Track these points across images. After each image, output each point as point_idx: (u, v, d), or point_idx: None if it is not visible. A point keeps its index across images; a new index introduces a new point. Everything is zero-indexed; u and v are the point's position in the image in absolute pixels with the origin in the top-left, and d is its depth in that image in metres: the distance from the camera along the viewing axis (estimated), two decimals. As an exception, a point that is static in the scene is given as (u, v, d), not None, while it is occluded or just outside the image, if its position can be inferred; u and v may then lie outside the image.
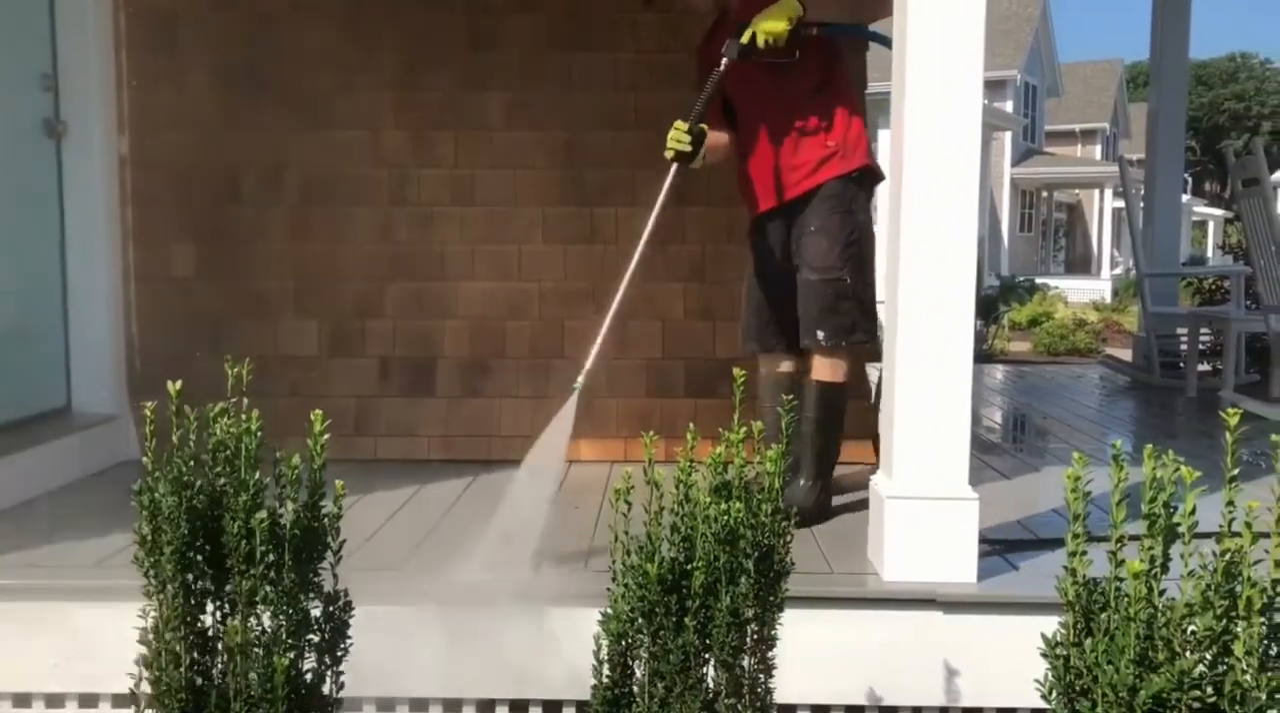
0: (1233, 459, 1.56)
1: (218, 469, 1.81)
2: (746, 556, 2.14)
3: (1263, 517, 1.57)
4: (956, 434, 2.83)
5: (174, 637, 1.71)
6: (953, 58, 2.77)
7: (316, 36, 4.28)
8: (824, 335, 3.40)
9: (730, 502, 2.13)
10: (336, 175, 4.34)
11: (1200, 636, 1.46)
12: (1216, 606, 1.48)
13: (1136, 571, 1.47)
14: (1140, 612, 1.46)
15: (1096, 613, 1.56)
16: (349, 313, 4.36)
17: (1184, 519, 1.48)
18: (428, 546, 3.22)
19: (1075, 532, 1.56)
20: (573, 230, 4.35)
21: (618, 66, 4.31)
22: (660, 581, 2.12)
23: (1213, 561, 1.51)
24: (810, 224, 3.41)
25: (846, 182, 3.41)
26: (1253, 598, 1.49)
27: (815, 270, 3.40)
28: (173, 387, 1.92)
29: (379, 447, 4.35)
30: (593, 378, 3.28)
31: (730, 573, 2.12)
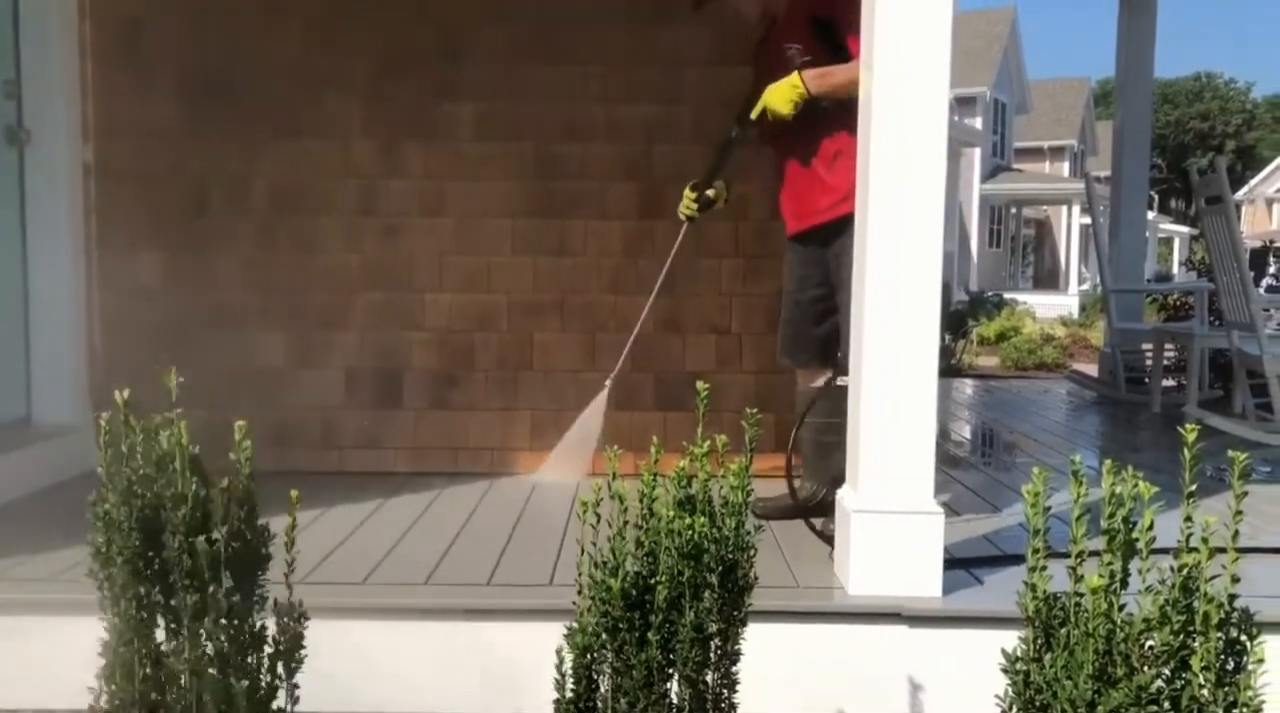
0: (1191, 475, 1.57)
1: (161, 482, 1.77)
2: (710, 570, 2.14)
3: (1220, 532, 1.59)
4: (921, 449, 2.84)
5: (128, 651, 1.69)
6: (918, 77, 2.79)
7: (285, 46, 4.26)
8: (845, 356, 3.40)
9: (694, 516, 2.12)
10: (304, 185, 4.31)
11: (1158, 651, 1.47)
12: (1174, 621, 1.48)
13: (1095, 586, 1.48)
14: (1099, 627, 1.47)
15: (1056, 628, 1.57)
16: (316, 324, 4.33)
17: (1142, 535, 1.49)
18: (389, 561, 3.19)
19: (1035, 547, 1.56)
20: (542, 242, 4.34)
21: (587, 80, 4.31)
22: (624, 596, 2.11)
23: (1171, 576, 1.52)
24: (847, 247, 3.37)
25: None
26: (1210, 613, 1.50)
27: (847, 298, 3.36)
28: (120, 396, 1.89)
29: (345, 459, 4.32)
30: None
31: (694, 588, 2.12)
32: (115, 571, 1.68)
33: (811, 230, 3.56)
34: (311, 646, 2.18)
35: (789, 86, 3.33)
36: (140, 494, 1.74)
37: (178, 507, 1.86)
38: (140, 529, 1.73)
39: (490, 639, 2.81)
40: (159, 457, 1.77)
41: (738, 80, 4.31)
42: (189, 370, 4.03)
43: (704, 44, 4.30)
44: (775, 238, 4.34)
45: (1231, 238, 5.34)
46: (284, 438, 4.27)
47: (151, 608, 1.71)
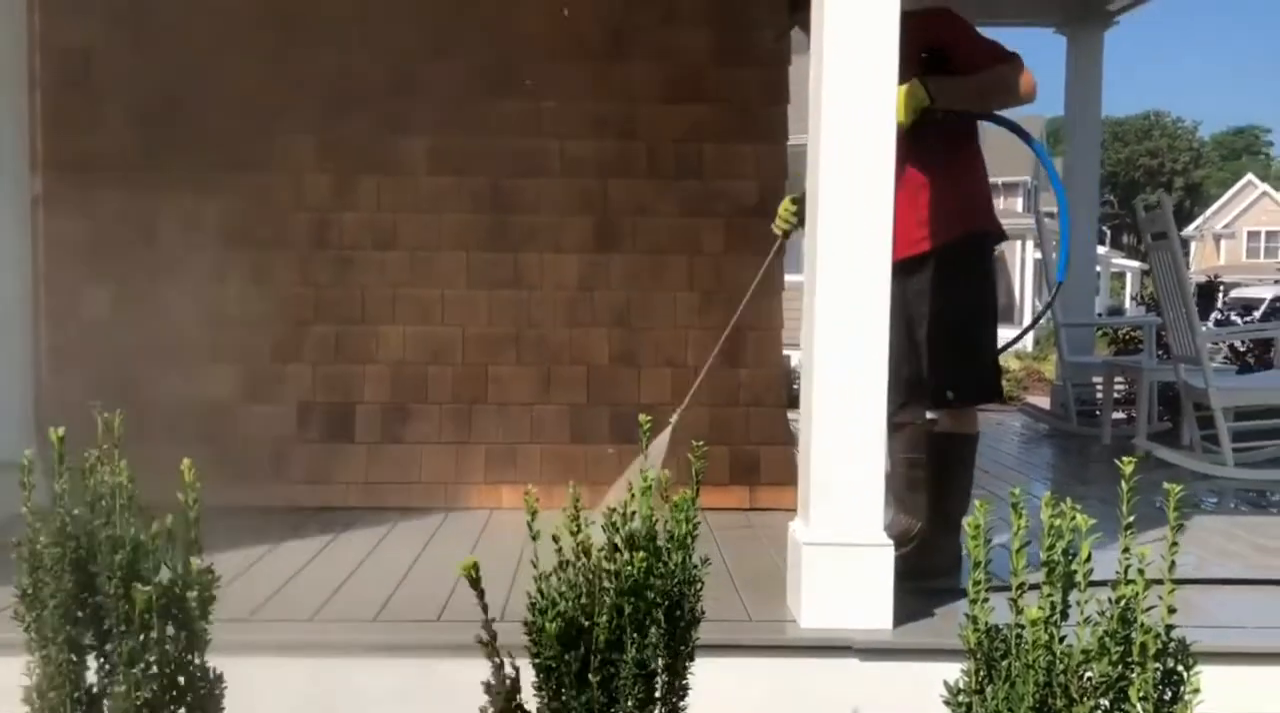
0: (1129, 507, 1.59)
1: (97, 522, 1.74)
2: (656, 605, 2.13)
3: (1162, 564, 1.61)
4: (871, 483, 2.85)
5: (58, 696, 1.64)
6: (865, 118, 2.83)
7: (237, 79, 4.24)
8: (954, 394, 3.38)
9: (634, 553, 2.11)
10: (256, 218, 4.29)
11: (1097, 682, 1.48)
12: (1113, 652, 1.50)
13: (1034, 618, 1.49)
14: (1039, 659, 1.48)
15: (998, 660, 1.58)
16: (267, 357, 4.29)
17: (1080, 566, 1.51)
18: (339, 597, 3.15)
19: (976, 579, 1.57)
20: (497, 276, 4.34)
21: (542, 114, 4.32)
22: (559, 637, 2.09)
23: (1110, 608, 1.53)
24: (935, 282, 3.36)
25: (967, 245, 3.39)
26: (1147, 644, 1.51)
27: (943, 328, 3.35)
28: (55, 433, 1.85)
29: (296, 494, 4.27)
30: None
31: (638, 624, 2.10)
32: (45, 613, 1.64)
33: (905, 261, 3.35)
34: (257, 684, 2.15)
35: (908, 94, 3.16)
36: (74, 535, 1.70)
37: (115, 549, 1.82)
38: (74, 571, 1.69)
39: (442, 675, 2.77)
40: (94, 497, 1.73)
41: (691, 117, 4.38)
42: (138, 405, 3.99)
43: (658, 81, 4.34)
44: (730, 272, 4.39)
45: (1177, 273, 5.44)
46: (234, 473, 4.20)
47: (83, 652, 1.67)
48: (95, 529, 1.71)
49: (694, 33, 4.36)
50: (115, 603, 1.76)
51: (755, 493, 4.39)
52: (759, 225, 4.39)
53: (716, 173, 4.36)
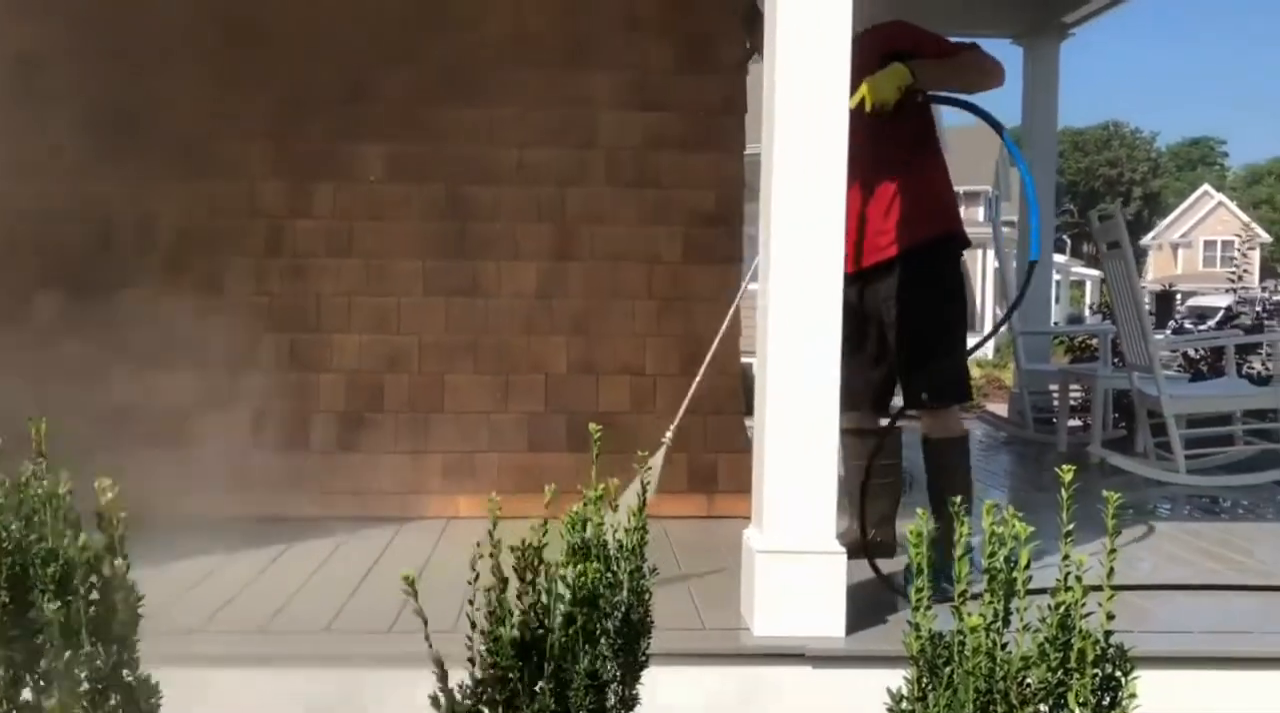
0: (1069, 514, 1.60)
1: (32, 536, 1.70)
2: (606, 616, 2.12)
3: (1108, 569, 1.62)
4: (823, 489, 2.87)
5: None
6: (817, 130, 2.85)
7: (190, 86, 4.20)
8: (928, 395, 3.42)
9: (588, 563, 2.11)
10: (209, 226, 4.25)
11: (1036, 688, 1.49)
12: (1052, 658, 1.51)
13: (974, 625, 1.50)
14: (979, 665, 1.49)
15: (940, 667, 1.58)
16: (220, 365, 4.23)
17: (1019, 574, 1.52)
18: (290, 608, 3.12)
19: (919, 586, 1.58)
20: (454, 284, 4.32)
21: (498, 122, 4.32)
22: (513, 644, 2.08)
23: (1049, 614, 1.55)
24: (903, 285, 3.40)
25: (934, 248, 3.43)
26: (1086, 650, 1.53)
27: (913, 331, 3.40)
28: (-15, 444, 1.81)
29: (251, 503, 4.20)
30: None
31: (589, 635, 2.10)
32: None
33: (870, 268, 3.45)
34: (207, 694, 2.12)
35: (890, 73, 3.22)
36: (9, 551, 1.67)
37: (47, 563, 1.79)
38: (10, 588, 1.66)
39: (394, 685, 2.75)
40: (28, 511, 1.69)
41: (649, 126, 4.38)
42: (89, 413, 3.94)
43: (616, 89, 4.34)
44: (688, 280, 4.40)
45: (1130, 282, 5.51)
46: (187, 482, 4.15)
47: (19, 668, 1.64)
48: (29, 544, 1.67)
49: (653, 42, 4.36)
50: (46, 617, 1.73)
51: (714, 500, 4.40)
52: (717, 233, 4.43)
53: (674, 181, 4.37)
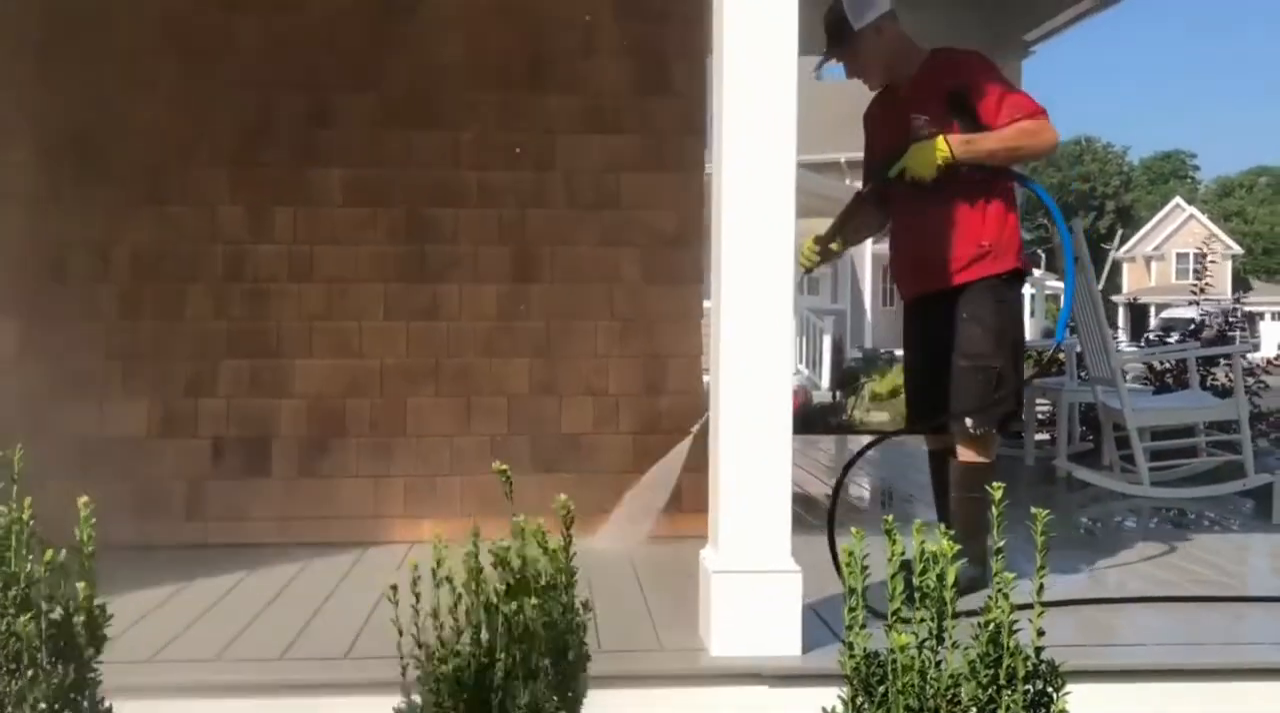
0: (999, 532, 1.61)
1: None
2: (542, 655, 2.12)
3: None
4: (777, 509, 2.87)
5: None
6: (764, 145, 2.87)
7: (148, 110, 4.20)
8: (973, 422, 3.43)
9: (525, 598, 2.10)
10: (169, 251, 4.23)
11: (966, 704, 1.50)
12: (982, 675, 1.51)
13: (903, 643, 1.50)
14: (909, 684, 1.49)
15: (875, 686, 1.59)
16: (180, 392, 4.22)
17: (946, 591, 1.53)
18: (245, 637, 3.09)
19: (852, 605, 1.58)
20: (415, 307, 4.32)
21: (459, 145, 4.32)
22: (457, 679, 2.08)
23: (979, 631, 1.55)
24: (963, 312, 3.45)
25: (999, 280, 3.48)
26: (1016, 666, 1.53)
27: (967, 357, 3.44)
28: (-55, 470, 1.81)
29: (210, 531, 4.19)
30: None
31: (528, 669, 2.09)
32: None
33: (938, 293, 3.51)
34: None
35: (933, 150, 3.31)
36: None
37: (8, 586, 1.79)
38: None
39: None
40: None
41: (608, 147, 4.40)
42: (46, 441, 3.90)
43: (575, 112, 4.36)
44: (649, 301, 4.41)
45: (1092, 296, 5.55)
46: (145, 510, 4.14)
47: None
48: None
49: (611, 64, 4.38)
50: (4, 639, 1.73)
51: (677, 520, 4.37)
52: (677, 254, 4.44)
53: (634, 202, 4.39)
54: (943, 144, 3.31)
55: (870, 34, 3.52)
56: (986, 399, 3.43)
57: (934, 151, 3.32)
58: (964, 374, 3.45)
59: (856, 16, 3.50)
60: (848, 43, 3.55)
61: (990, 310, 3.45)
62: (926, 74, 3.53)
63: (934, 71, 3.52)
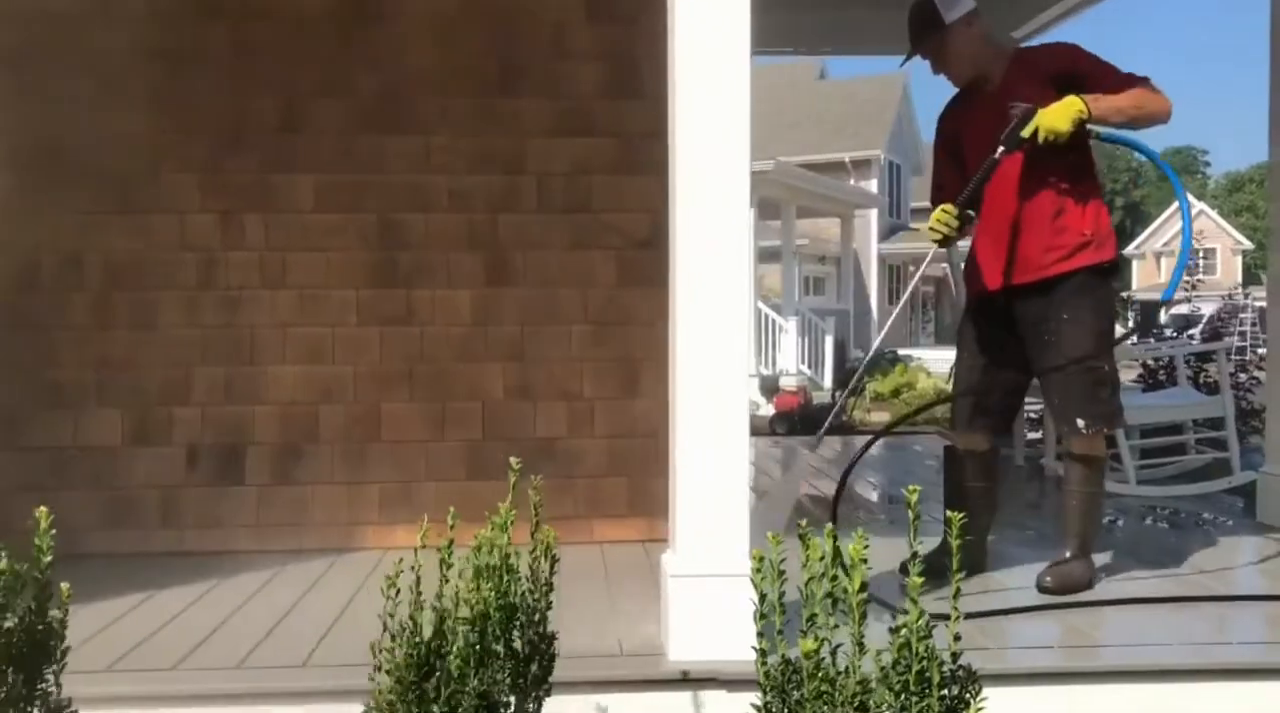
0: (915, 536, 1.60)
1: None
2: (496, 639, 2.11)
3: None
4: (735, 513, 2.85)
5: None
6: (717, 148, 2.85)
7: (120, 118, 4.20)
8: (1084, 423, 3.45)
9: (480, 582, 2.10)
10: (141, 259, 4.23)
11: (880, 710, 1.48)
12: (894, 680, 1.50)
13: (809, 650, 1.49)
14: (818, 689, 1.47)
15: (789, 692, 1.57)
16: (154, 400, 4.22)
17: (853, 596, 1.51)
18: (207, 646, 3.09)
19: (763, 612, 1.57)
20: (388, 312, 4.31)
21: (430, 150, 4.31)
22: (413, 665, 2.08)
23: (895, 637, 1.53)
24: (1063, 311, 3.44)
25: (1098, 271, 3.48)
26: (931, 672, 1.51)
27: (1072, 359, 3.43)
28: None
29: (185, 539, 4.19)
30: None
31: (480, 657, 2.08)
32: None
33: (1034, 284, 3.49)
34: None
35: (1067, 105, 3.28)
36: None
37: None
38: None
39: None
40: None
41: (580, 151, 4.39)
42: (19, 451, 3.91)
43: (546, 115, 4.35)
44: (623, 304, 4.39)
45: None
46: (119, 518, 4.15)
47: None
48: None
49: (582, 67, 4.37)
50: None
51: (654, 524, 4.36)
52: (651, 257, 4.41)
53: (607, 206, 4.37)
54: (1076, 99, 3.29)
55: (961, 27, 3.54)
56: (1094, 398, 3.45)
57: (1069, 106, 3.29)
58: (1069, 375, 3.46)
59: (948, 9, 3.51)
60: (937, 36, 3.55)
61: (1090, 308, 3.46)
62: (1021, 69, 3.54)
63: (1029, 65, 3.54)
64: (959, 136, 3.68)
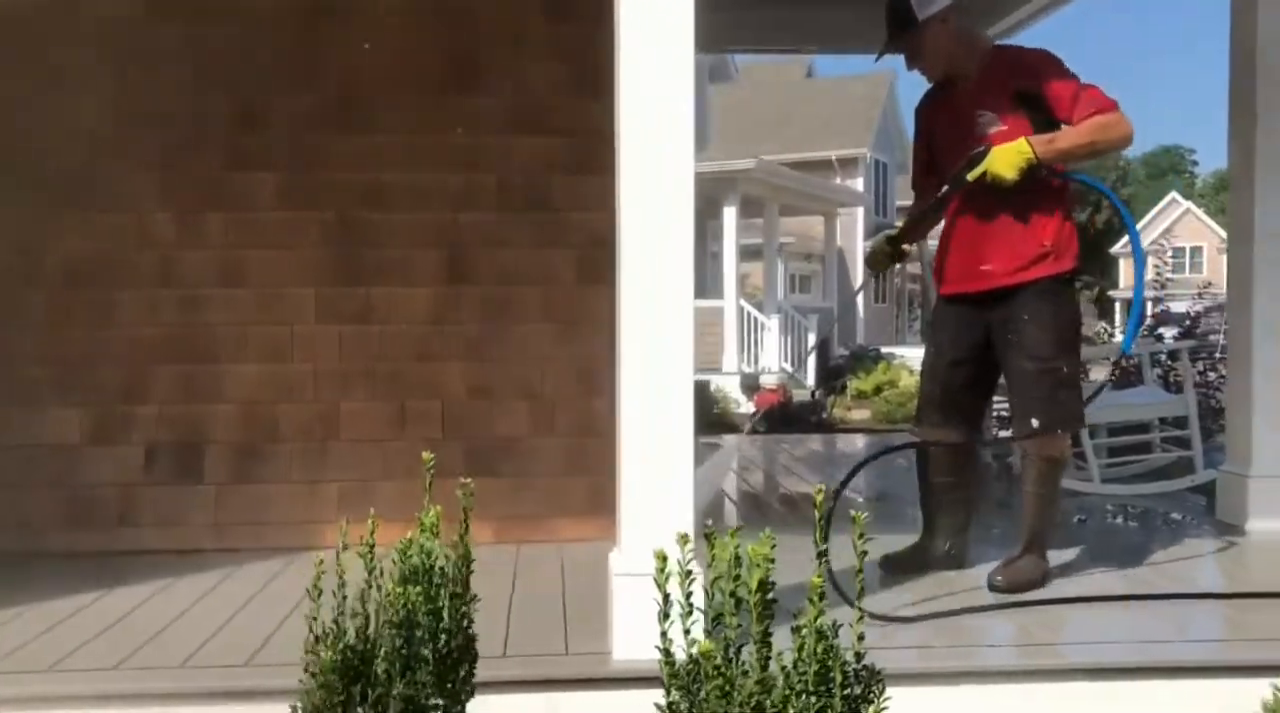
0: (821, 535, 1.60)
1: None
2: (423, 643, 2.12)
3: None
4: (678, 510, 2.86)
5: None
6: (661, 146, 2.88)
7: (76, 116, 4.18)
8: (1039, 422, 3.48)
9: (408, 588, 2.10)
10: (99, 258, 4.22)
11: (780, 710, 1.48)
12: (794, 680, 1.50)
13: (706, 650, 1.49)
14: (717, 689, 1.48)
15: (694, 691, 1.58)
16: (113, 399, 4.21)
17: (751, 597, 1.51)
18: (152, 644, 3.08)
19: (666, 612, 1.57)
20: (347, 310, 4.30)
21: (390, 148, 4.31)
22: (337, 669, 2.08)
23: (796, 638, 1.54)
24: (1024, 315, 3.48)
25: (1058, 280, 3.51)
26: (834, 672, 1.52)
27: (1032, 360, 3.47)
28: None
29: (144, 537, 4.18)
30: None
31: (405, 661, 2.09)
32: None
33: (994, 291, 3.53)
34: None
35: (1016, 152, 3.33)
36: None
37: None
38: None
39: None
40: None
41: (540, 149, 4.39)
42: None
43: (505, 113, 4.35)
44: (584, 303, 4.39)
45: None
46: (79, 518, 4.14)
47: None
48: None
49: (541, 65, 4.37)
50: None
51: (615, 523, 4.37)
52: (612, 255, 4.41)
53: (567, 204, 4.37)
54: (1025, 146, 3.34)
55: (936, 24, 3.55)
56: (1053, 399, 3.48)
57: (1017, 154, 3.33)
58: (1029, 376, 3.51)
59: (922, 6, 3.52)
60: (912, 32, 3.56)
61: (1051, 313, 3.49)
62: (992, 71, 3.55)
63: (1000, 69, 3.54)
64: (934, 132, 3.74)
